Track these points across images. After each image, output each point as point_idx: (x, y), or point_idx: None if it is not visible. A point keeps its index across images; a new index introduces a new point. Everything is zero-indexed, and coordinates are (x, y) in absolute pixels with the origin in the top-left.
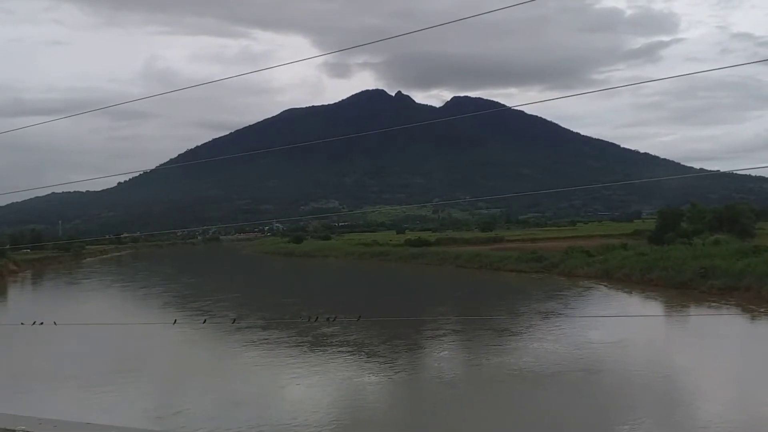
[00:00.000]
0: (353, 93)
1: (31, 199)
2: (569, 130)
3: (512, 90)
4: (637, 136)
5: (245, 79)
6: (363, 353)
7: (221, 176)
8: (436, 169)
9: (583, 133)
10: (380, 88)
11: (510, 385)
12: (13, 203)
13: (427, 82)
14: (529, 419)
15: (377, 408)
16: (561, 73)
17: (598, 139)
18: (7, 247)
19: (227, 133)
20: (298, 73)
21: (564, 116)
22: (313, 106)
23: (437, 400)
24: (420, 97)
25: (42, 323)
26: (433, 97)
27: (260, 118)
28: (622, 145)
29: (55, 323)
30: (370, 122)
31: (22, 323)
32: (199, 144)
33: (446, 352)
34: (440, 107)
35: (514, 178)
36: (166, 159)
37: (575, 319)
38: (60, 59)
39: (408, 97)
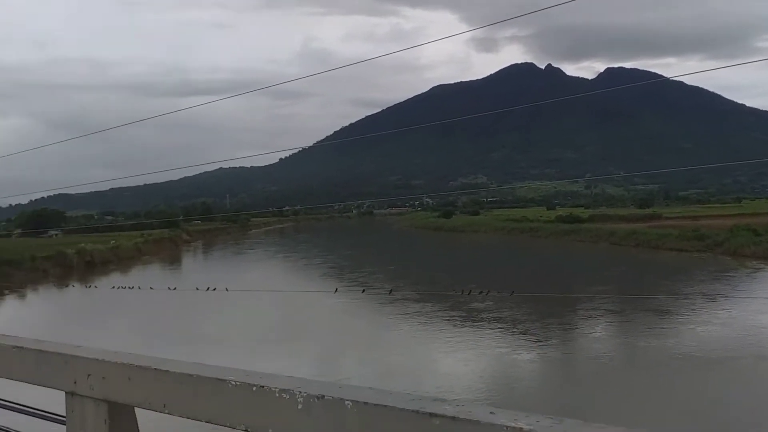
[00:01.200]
0: (502, 67)
1: (200, 174)
2: (733, 102)
3: (670, 60)
4: None
5: (395, 57)
6: (515, 330)
7: (374, 152)
8: (588, 144)
9: (748, 104)
10: (529, 61)
11: (672, 370)
12: (185, 178)
13: (579, 53)
14: (692, 407)
15: (530, 386)
16: (723, 41)
17: (765, 111)
18: (180, 218)
19: (379, 110)
20: (447, 49)
21: (727, 87)
22: (461, 82)
23: (593, 381)
24: (571, 69)
25: (215, 289)
26: (585, 69)
27: (410, 95)
28: None
29: (226, 289)
30: (518, 96)
31: (197, 288)
32: (353, 121)
33: (602, 332)
34: (593, 79)
35: (672, 152)
36: (323, 136)
37: (744, 301)
38: (224, 41)
39: (558, 69)
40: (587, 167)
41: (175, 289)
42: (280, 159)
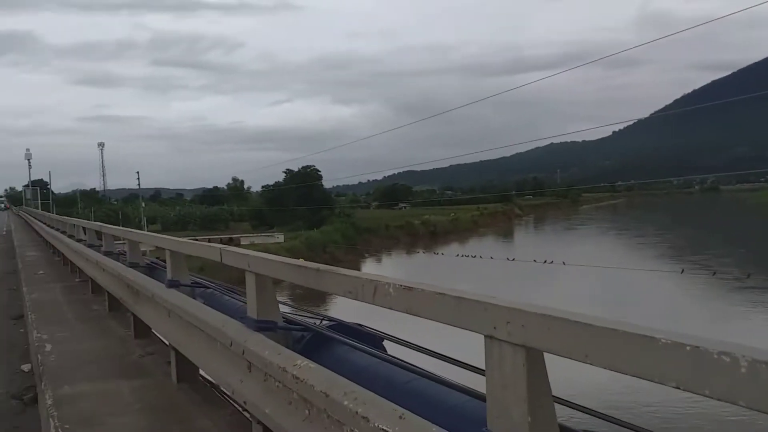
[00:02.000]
0: None
1: (532, 149)
2: None
3: None
4: None
5: (750, 11)
6: None
7: (721, 121)
8: None
9: None
10: None
11: None
12: (517, 154)
13: None
14: None
15: None
16: None
17: None
18: (513, 193)
19: (728, 73)
20: None
21: None
22: None
23: None
24: None
25: (552, 262)
26: None
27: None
28: None
29: (563, 263)
30: None
31: (534, 260)
32: (696, 88)
33: None
34: None
35: None
36: (660, 106)
37: None
38: (556, 14)
39: None
40: None
41: (513, 260)
42: (613, 132)
